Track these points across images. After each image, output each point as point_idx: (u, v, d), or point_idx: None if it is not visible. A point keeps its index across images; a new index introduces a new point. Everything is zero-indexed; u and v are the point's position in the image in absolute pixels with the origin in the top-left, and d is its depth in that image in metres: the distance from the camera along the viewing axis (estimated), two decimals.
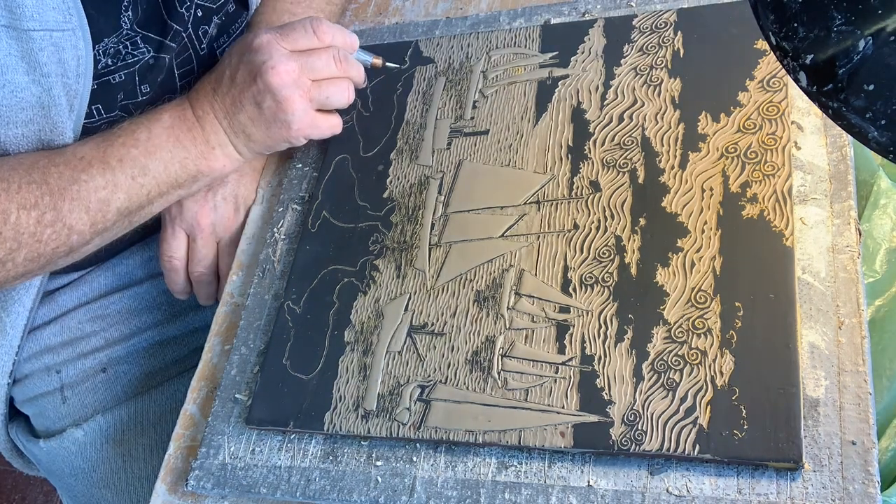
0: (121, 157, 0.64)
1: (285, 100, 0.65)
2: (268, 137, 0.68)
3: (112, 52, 0.66)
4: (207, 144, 0.67)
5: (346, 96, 0.69)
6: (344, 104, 0.70)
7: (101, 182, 0.63)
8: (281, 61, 0.65)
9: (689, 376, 0.52)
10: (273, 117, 0.66)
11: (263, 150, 0.70)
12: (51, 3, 0.60)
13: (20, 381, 0.83)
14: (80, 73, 0.63)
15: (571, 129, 0.65)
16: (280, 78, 0.64)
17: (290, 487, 0.57)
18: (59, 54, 0.61)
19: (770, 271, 0.53)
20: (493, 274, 0.60)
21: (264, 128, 0.67)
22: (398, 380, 0.58)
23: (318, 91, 0.67)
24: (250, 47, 0.66)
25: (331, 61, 0.68)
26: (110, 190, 0.64)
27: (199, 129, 0.67)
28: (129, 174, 0.64)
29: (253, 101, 0.66)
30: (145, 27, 0.68)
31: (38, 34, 0.60)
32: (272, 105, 0.65)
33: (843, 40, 0.37)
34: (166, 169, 0.66)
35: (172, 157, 0.66)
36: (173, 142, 0.66)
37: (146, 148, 0.65)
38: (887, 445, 0.67)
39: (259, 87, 0.65)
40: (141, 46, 0.68)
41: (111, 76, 0.68)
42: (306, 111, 0.67)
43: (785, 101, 0.60)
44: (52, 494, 1.55)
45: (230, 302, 0.70)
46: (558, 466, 0.53)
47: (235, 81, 0.66)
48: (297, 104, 0.66)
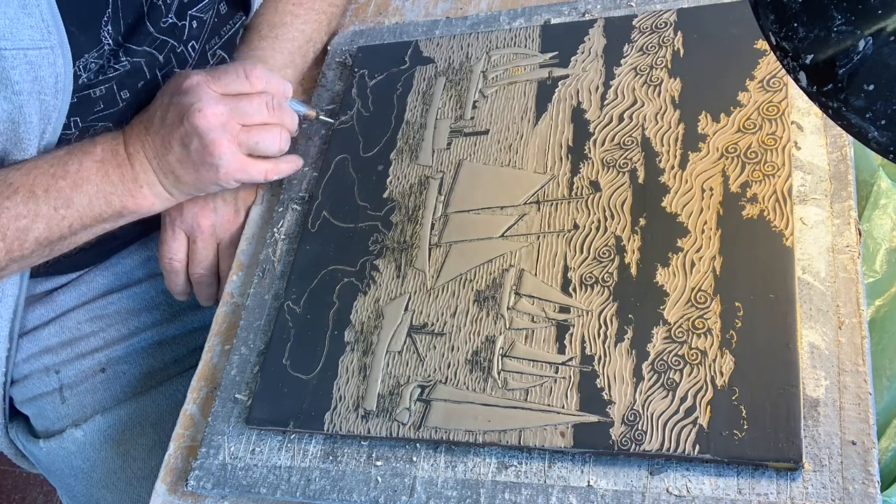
0: (47, 188, 0.63)
1: (212, 143, 0.64)
2: (196, 180, 0.66)
3: (93, 66, 0.66)
4: (136, 182, 0.66)
5: (276, 142, 0.67)
6: (275, 151, 0.68)
7: (24, 210, 0.63)
8: (209, 104, 0.63)
9: (689, 376, 0.52)
10: (200, 160, 0.65)
11: (194, 191, 0.68)
12: (28, 21, 0.59)
13: (19, 381, 0.83)
14: (58, 89, 0.63)
15: (571, 129, 0.65)
16: (207, 121, 0.63)
17: (290, 487, 0.57)
18: (35, 72, 0.61)
19: (770, 271, 0.53)
20: (493, 274, 0.60)
21: (192, 170, 0.65)
22: (398, 380, 0.58)
23: (248, 136, 0.66)
24: (180, 89, 0.65)
25: (262, 107, 0.66)
26: (31, 219, 0.63)
27: (128, 166, 0.66)
28: (52, 205, 0.63)
29: (181, 142, 0.64)
30: (129, 40, 0.68)
31: (9, 52, 0.59)
32: (199, 147, 0.64)
33: (843, 40, 0.37)
34: (90, 203, 0.65)
35: (98, 191, 0.65)
36: (101, 176, 0.65)
37: (74, 180, 0.64)
38: (887, 445, 0.67)
39: (186, 128, 0.64)
40: (123, 59, 0.68)
41: (91, 90, 0.67)
42: (234, 155, 0.65)
43: (785, 101, 0.60)
44: (52, 494, 1.55)
45: (230, 302, 0.70)
46: (558, 466, 0.53)
47: (165, 122, 0.65)
48: (225, 148, 0.64)
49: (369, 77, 0.75)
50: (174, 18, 0.70)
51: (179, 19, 0.71)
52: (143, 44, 0.69)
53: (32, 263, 0.68)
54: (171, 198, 0.68)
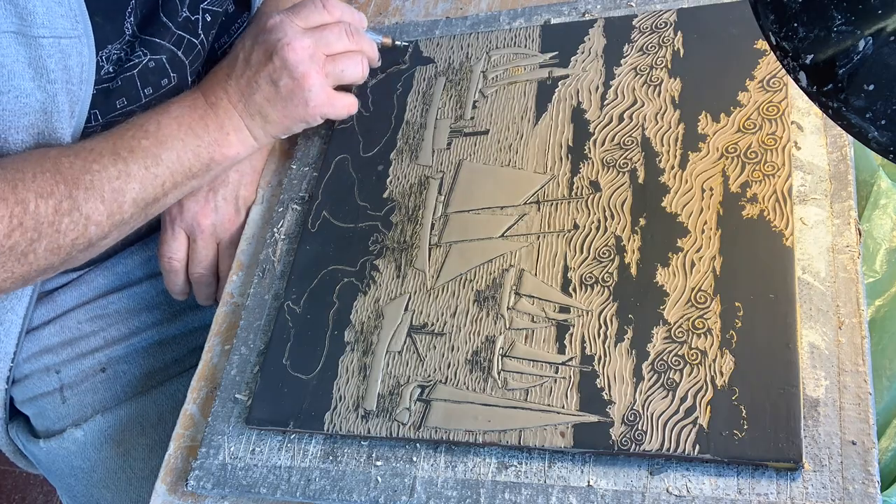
0: (132, 149, 0.64)
1: (302, 76, 0.65)
2: (285, 117, 0.68)
3: (114, 58, 0.66)
4: (221, 130, 0.67)
5: (360, 70, 0.69)
6: (359, 78, 0.70)
7: (114, 172, 0.63)
8: (296, 37, 0.65)
9: (689, 376, 0.52)
10: (290, 94, 0.66)
11: (280, 132, 0.69)
12: (59, 10, 0.60)
13: (20, 381, 0.83)
14: (83, 79, 0.63)
15: (571, 129, 0.65)
16: (296, 54, 0.65)
17: (290, 487, 0.57)
18: (65, 61, 0.61)
19: (770, 271, 0.53)
20: (493, 274, 0.60)
21: (281, 107, 0.67)
22: (398, 380, 0.58)
23: (333, 65, 0.68)
24: (264, 28, 0.66)
25: (343, 35, 0.68)
26: (123, 180, 0.63)
27: (212, 115, 0.67)
28: (141, 164, 0.64)
29: (269, 79, 0.66)
30: (143, 31, 0.68)
31: (47, 41, 0.59)
32: (289, 82, 0.65)
33: (843, 40, 0.37)
34: (179, 158, 0.65)
35: (185, 145, 0.65)
36: (185, 130, 0.66)
37: (157, 138, 0.65)
38: (887, 445, 0.67)
39: (276, 64, 0.65)
40: (138, 51, 0.68)
41: (111, 82, 0.68)
42: (323, 87, 0.67)
43: (785, 101, 0.60)
44: (52, 494, 1.56)
45: (230, 302, 0.70)
46: (558, 466, 0.53)
47: (250, 62, 0.66)
48: (314, 80, 0.66)
49: (369, 77, 0.75)
50: (187, 12, 0.70)
51: (192, 13, 0.71)
52: (161, 37, 0.69)
53: (130, 230, 0.67)
54: (254, 143, 0.69)
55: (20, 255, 0.60)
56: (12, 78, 0.60)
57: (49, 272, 0.64)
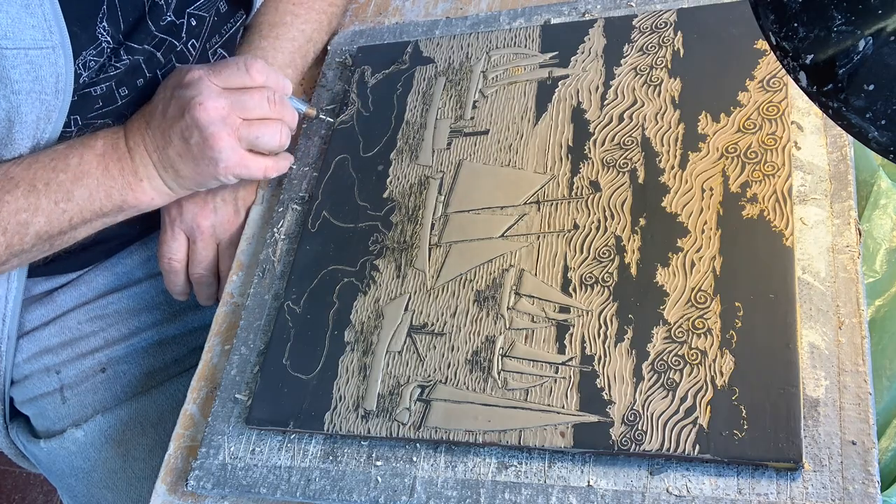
0: (48, 181, 0.63)
1: (212, 136, 0.63)
2: (196, 174, 0.66)
3: (94, 65, 0.66)
4: (136, 176, 0.66)
5: (277, 138, 0.67)
6: (276, 147, 0.67)
7: (24, 204, 0.63)
8: (210, 97, 0.63)
9: (689, 376, 0.52)
10: (200, 154, 0.64)
11: (194, 186, 0.68)
12: (30, 21, 0.59)
13: (20, 381, 0.83)
14: (59, 89, 0.63)
15: (571, 129, 0.65)
16: (208, 114, 0.63)
17: (290, 487, 0.57)
18: (36, 72, 0.61)
19: (770, 271, 0.53)
20: (493, 274, 0.60)
21: (192, 164, 0.65)
22: (398, 380, 0.58)
23: (248, 130, 0.65)
24: (181, 82, 0.65)
25: (263, 101, 0.66)
26: (31, 213, 0.63)
27: (128, 160, 0.66)
28: (53, 199, 0.63)
29: (181, 136, 0.64)
30: (130, 38, 0.68)
31: (10, 52, 0.59)
32: (199, 141, 0.64)
33: (843, 40, 0.37)
34: (91, 196, 0.65)
35: (99, 185, 0.65)
36: (102, 170, 0.65)
37: (74, 174, 0.64)
38: (887, 445, 0.67)
39: (187, 122, 0.63)
40: (124, 58, 0.68)
41: (91, 88, 0.67)
42: (234, 149, 0.65)
43: (785, 101, 0.60)
44: (52, 494, 1.56)
45: (230, 302, 0.70)
46: (558, 466, 0.53)
47: (166, 116, 0.65)
48: (225, 142, 0.64)
49: (369, 77, 0.75)
50: (172, 16, 0.70)
51: (178, 17, 0.71)
52: (144, 42, 0.69)
53: (33, 258, 0.67)
54: (170, 193, 0.68)
55: None
56: None
57: None
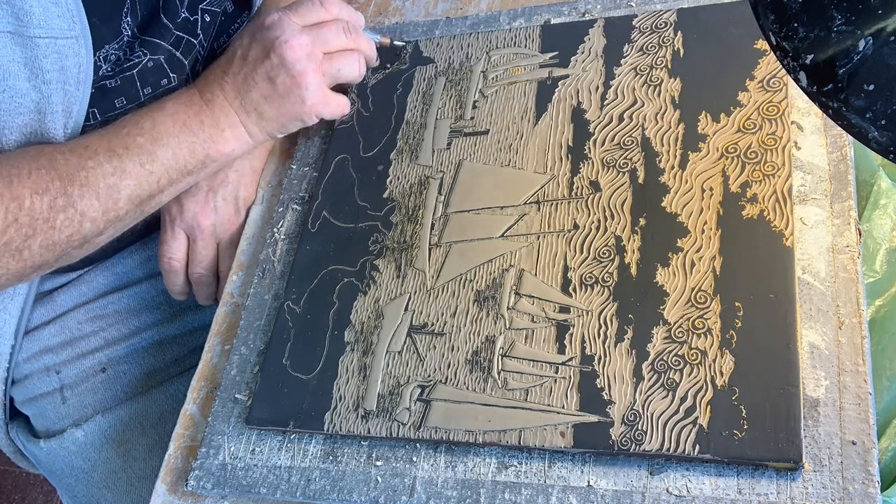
0: (126, 146, 0.64)
1: (300, 74, 0.65)
2: (281, 115, 0.67)
3: (112, 58, 0.66)
4: (216, 127, 0.67)
5: (356, 68, 0.69)
6: (356, 77, 0.70)
7: (109, 168, 0.63)
8: (294, 35, 0.65)
9: (689, 376, 0.52)
10: (287, 92, 0.66)
11: (275, 129, 0.69)
12: (56, 11, 0.60)
13: (20, 381, 0.83)
14: (80, 80, 0.63)
15: (571, 129, 0.65)
16: (294, 52, 0.65)
17: (290, 487, 0.57)
18: (62, 62, 0.61)
19: (770, 271, 0.53)
20: (493, 274, 0.60)
21: (278, 104, 0.67)
22: (398, 380, 0.58)
23: (331, 64, 0.67)
24: (262, 25, 0.66)
25: (341, 33, 0.68)
26: (118, 176, 0.63)
27: (207, 111, 0.66)
28: (136, 161, 0.64)
29: (266, 76, 0.65)
30: (144, 32, 0.68)
31: (43, 41, 0.60)
32: (286, 80, 0.65)
33: (843, 40, 0.37)
34: (174, 155, 0.65)
35: (180, 142, 0.65)
36: (180, 127, 0.65)
37: (152, 135, 0.64)
38: (887, 445, 0.67)
39: (273, 61, 0.65)
40: (138, 51, 0.68)
41: (107, 81, 0.68)
42: (320, 86, 0.67)
43: (785, 101, 0.60)
44: (52, 494, 1.56)
45: (230, 302, 0.70)
46: (558, 466, 0.53)
47: (247, 59, 0.66)
48: (311, 78, 0.66)
49: (369, 77, 0.75)
50: (186, 13, 0.71)
51: (191, 14, 0.71)
52: (161, 38, 0.69)
53: (126, 227, 0.67)
54: (250, 140, 0.69)
55: (15, 252, 0.60)
56: (7, 78, 0.60)
57: (44, 268, 0.64)
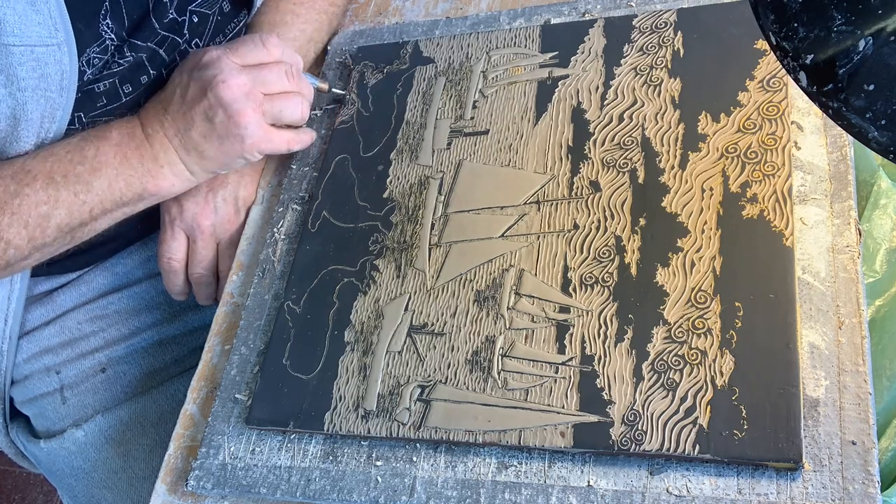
0: (65, 173, 0.63)
1: (237, 113, 0.64)
2: (221, 154, 0.66)
3: (97, 62, 0.66)
4: (156, 163, 0.66)
5: (299, 111, 0.68)
6: (298, 119, 0.68)
7: (44, 196, 0.63)
8: (232, 75, 0.64)
9: (689, 376, 0.52)
10: (226, 132, 0.64)
11: (218, 167, 0.68)
12: (36, 18, 0.59)
13: (20, 381, 0.83)
14: (63, 86, 0.63)
15: (571, 129, 0.65)
16: (231, 91, 0.63)
17: (290, 487, 0.57)
18: (42, 69, 0.61)
19: (770, 271, 0.53)
20: (493, 274, 0.60)
21: (217, 144, 0.65)
22: (398, 380, 0.58)
23: (271, 105, 0.66)
24: (200, 63, 0.65)
25: (282, 75, 0.66)
26: (51, 205, 0.63)
27: (147, 147, 0.65)
28: (72, 191, 0.63)
29: (204, 116, 0.64)
30: (133, 35, 0.68)
31: (17, 49, 0.59)
32: (224, 119, 0.64)
33: (844, 40, 0.37)
34: (110, 186, 0.64)
35: (118, 174, 0.65)
36: (120, 159, 0.65)
37: (92, 165, 0.64)
38: (887, 445, 0.67)
39: (210, 101, 0.63)
40: (128, 55, 0.68)
41: (95, 85, 0.67)
42: (259, 125, 0.65)
43: (785, 101, 0.60)
44: (52, 494, 1.56)
45: (230, 302, 0.70)
46: (558, 466, 0.53)
47: (186, 98, 0.65)
48: (250, 117, 0.64)
49: (369, 76, 0.75)
50: (174, 14, 0.70)
51: (179, 14, 0.71)
52: (148, 40, 0.69)
53: (54, 252, 0.67)
54: (192, 178, 0.68)
55: None
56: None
57: None
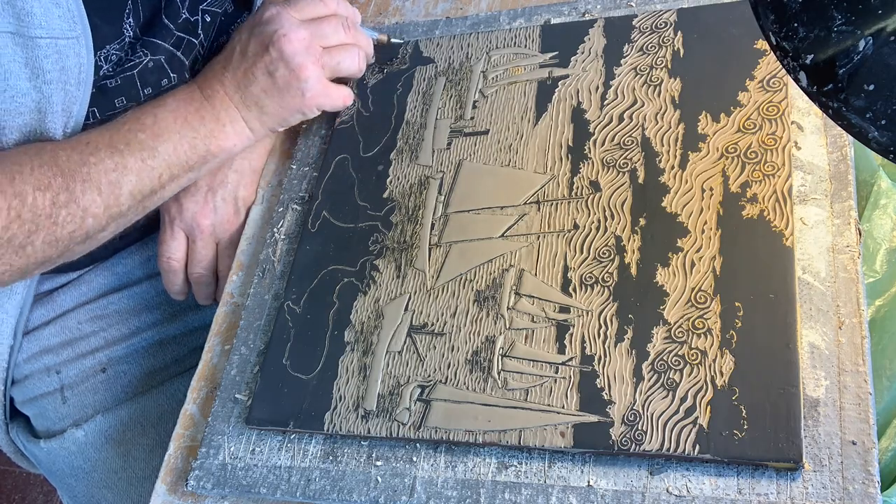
0: (128, 141, 0.64)
1: (299, 67, 0.65)
2: (281, 108, 0.68)
3: (114, 58, 0.66)
4: (217, 122, 0.67)
5: (356, 63, 0.70)
6: (355, 71, 0.70)
7: (111, 164, 0.63)
8: (292, 29, 0.65)
9: (689, 376, 0.52)
10: (286, 86, 0.66)
11: (276, 123, 0.69)
12: (57, 11, 0.60)
13: (20, 381, 0.83)
14: (80, 80, 0.64)
15: (571, 129, 0.65)
16: (292, 45, 0.65)
17: (290, 487, 0.57)
18: (63, 62, 0.62)
19: (770, 271, 0.53)
20: (493, 274, 0.60)
21: (278, 98, 0.67)
22: (398, 380, 0.58)
23: (330, 57, 0.68)
24: (261, 20, 0.67)
25: (339, 28, 0.68)
26: (120, 172, 0.63)
27: (208, 107, 0.67)
28: (138, 157, 0.64)
29: (265, 70, 0.66)
30: (146, 33, 0.68)
31: (44, 41, 0.60)
32: (285, 73, 0.66)
33: (844, 40, 0.37)
34: (175, 150, 0.65)
35: (181, 137, 0.66)
36: (181, 123, 0.66)
37: (153, 131, 0.65)
38: (887, 445, 0.67)
39: (272, 55, 0.65)
40: (139, 52, 0.68)
41: (108, 81, 0.68)
42: (319, 79, 0.67)
43: (785, 101, 0.60)
44: (52, 494, 1.56)
45: (230, 302, 0.70)
46: (558, 466, 0.53)
47: (247, 54, 0.66)
48: (311, 71, 0.66)
49: (369, 76, 0.75)
50: (187, 13, 0.71)
51: (192, 14, 0.71)
52: (162, 39, 0.69)
53: (128, 223, 0.67)
54: (251, 135, 0.69)
55: (18, 248, 0.60)
56: (9, 78, 0.60)
57: (47, 265, 0.64)
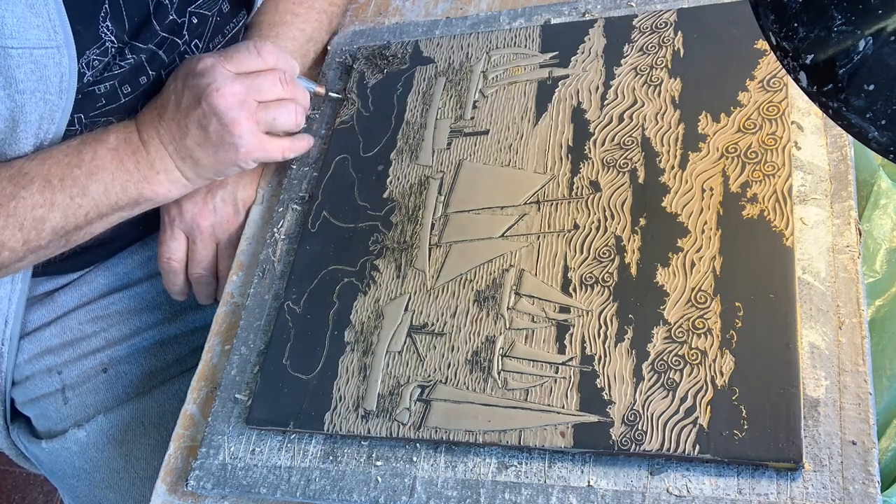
0: (62, 177, 0.64)
1: (232, 122, 0.64)
2: (216, 161, 0.66)
3: (97, 64, 0.66)
4: (151, 169, 0.66)
5: (293, 118, 0.68)
6: (292, 126, 0.68)
7: (39, 199, 0.63)
8: (226, 83, 0.64)
9: (689, 376, 0.52)
10: (220, 140, 0.64)
11: (213, 174, 0.68)
12: (35, 21, 0.59)
13: (21, 382, 0.83)
14: (63, 88, 0.63)
15: (571, 129, 0.65)
16: (225, 100, 0.63)
17: (290, 487, 0.57)
18: (41, 72, 0.61)
19: (770, 271, 0.53)
20: (493, 274, 0.60)
21: (212, 152, 0.65)
22: (398, 380, 0.58)
23: (265, 113, 0.66)
24: (194, 71, 0.65)
25: (276, 83, 0.66)
26: (47, 209, 0.63)
27: (143, 153, 0.66)
28: (68, 194, 0.64)
29: (198, 124, 0.64)
30: (135, 38, 0.68)
31: (16, 52, 0.59)
32: (218, 128, 0.64)
33: (844, 40, 0.37)
34: (107, 191, 0.65)
35: (114, 179, 0.65)
36: (116, 164, 0.65)
37: (89, 168, 0.64)
38: (887, 445, 0.67)
39: (204, 109, 0.64)
40: (129, 57, 0.68)
41: (95, 87, 0.67)
42: (253, 133, 0.65)
43: (785, 101, 0.60)
44: (52, 494, 1.56)
45: (230, 302, 0.70)
46: (558, 466, 0.53)
47: (181, 106, 0.65)
48: (244, 126, 0.64)
49: (369, 77, 0.75)
50: (174, 15, 0.70)
51: (179, 16, 0.71)
52: (147, 41, 0.69)
53: (49, 254, 0.67)
54: (187, 183, 0.68)
55: None
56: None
57: None
